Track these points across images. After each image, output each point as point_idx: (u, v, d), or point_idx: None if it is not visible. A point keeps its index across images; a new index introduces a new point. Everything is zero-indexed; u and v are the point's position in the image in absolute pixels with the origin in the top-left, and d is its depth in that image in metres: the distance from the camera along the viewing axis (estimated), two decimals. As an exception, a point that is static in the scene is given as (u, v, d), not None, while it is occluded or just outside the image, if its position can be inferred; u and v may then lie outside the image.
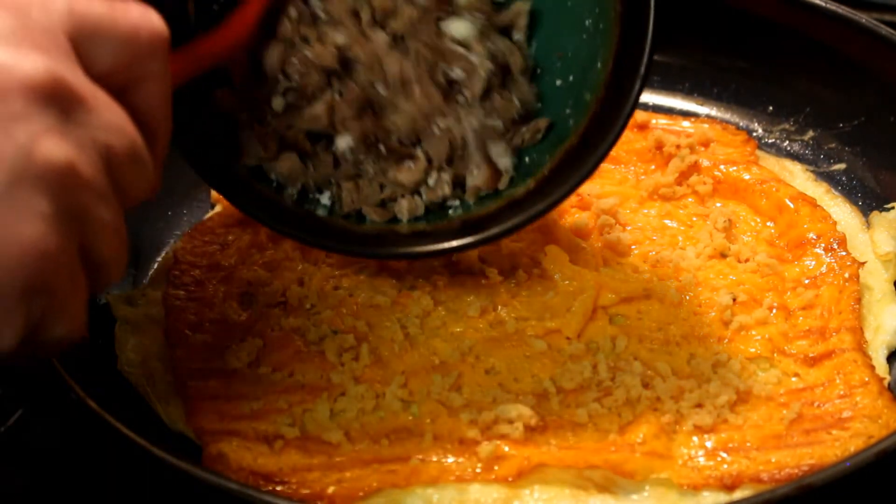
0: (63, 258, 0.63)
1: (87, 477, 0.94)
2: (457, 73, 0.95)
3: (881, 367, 0.98)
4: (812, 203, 1.12)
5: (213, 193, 1.16)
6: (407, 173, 0.96)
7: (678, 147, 1.18)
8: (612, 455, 0.89)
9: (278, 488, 0.87)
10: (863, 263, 1.06)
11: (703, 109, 1.29)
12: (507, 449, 0.89)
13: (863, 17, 1.20)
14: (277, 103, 0.95)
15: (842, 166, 1.20)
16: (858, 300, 1.02)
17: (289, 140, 0.96)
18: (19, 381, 1.01)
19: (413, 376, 0.96)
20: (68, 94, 0.64)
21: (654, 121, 1.24)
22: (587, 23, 0.96)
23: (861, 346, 0.98)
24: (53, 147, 0.62)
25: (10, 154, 0.60)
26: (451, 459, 0.89)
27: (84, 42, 0.68)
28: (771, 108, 1.27)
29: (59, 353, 0.87)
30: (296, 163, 0.96)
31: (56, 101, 0.63)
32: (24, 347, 0.64)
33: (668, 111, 1.29)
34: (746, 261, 1.06)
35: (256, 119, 0.96)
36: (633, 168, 1.18)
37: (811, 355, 0.98)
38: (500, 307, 1.02)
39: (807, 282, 1.05)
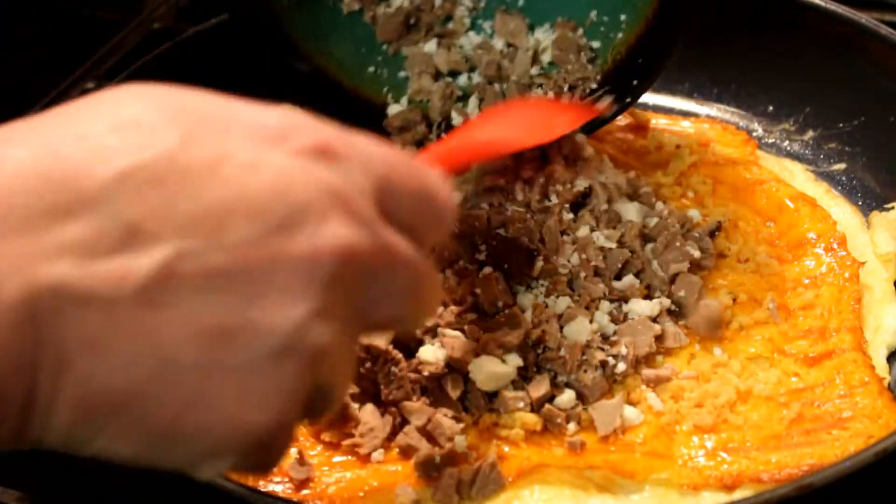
0: (289, 430, 0.62)
1: (87, 477, 0.94)
2: None
3: (881, 367, 0.98)
4: (812, 203, 1.12)
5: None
6: None
7: (678, 147, 1.18)
8: (612, 455, 0.89)
9: (278, 488, 0.87)
10: (863, 263, 1.06)
11: (703, 109, 1.29)
12: (507, 449, 0.89)
13: (863, 17, 1.20)
14: None
15: (842, 166, 1.20)
16: (858, 300, 1.02)
17: None
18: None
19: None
20: (362, 266, 0.61)
21: (654, 121, 1.24)
22: None
23: (861, 346, 0.98)
24: (323, 330, 0.60)
25: (284, 327, 0.58)
26: (451, 459, 0.89)
27: (385, 197, 0.65)
28: (771, 108, 1.27)
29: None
30: None
31: (344, 280, 0.60)
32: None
33: (668, 111, 1.29)
34: (746, 261, 1.06)
35: None
36: (633, 168, 1.18)
37: (811, 355, 0.98)
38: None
39: (807, 282, 1.05)
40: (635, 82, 1.10)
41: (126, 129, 0.58)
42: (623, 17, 1.10)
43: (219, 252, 0.57)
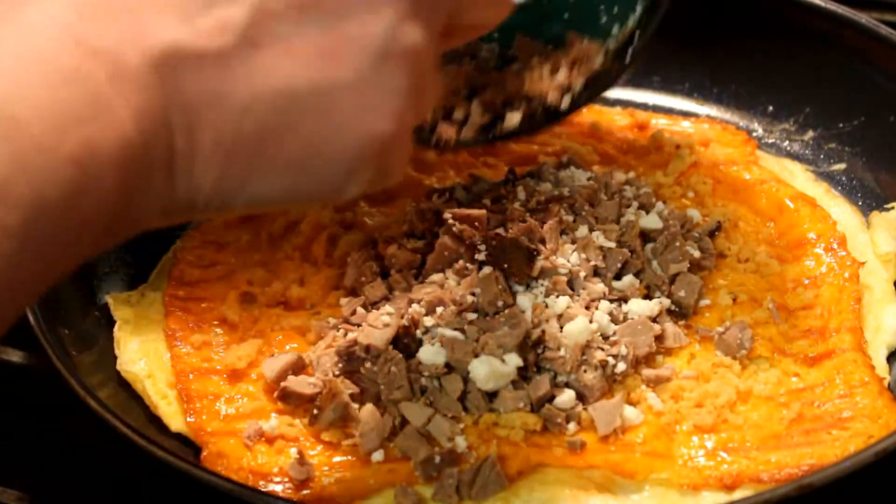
0: (410, 126, 0.69)
1: (88, 477, 0.94)
2: None
3: (881, 367, 0.98)
4: (812, 203, 1.12)
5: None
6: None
7: (678, 147, 1.18)
8: (612, 455, 0.89)
9: (278, 488, 0.87)
10: (863, 263, 1.06)
11: (703, 109, 1.29)
12: (507, 449, 0.89)
13: (863, 17, 1.20)
14: None
15: (842, 166, 1.20)
16: (858, 300, 1.02)
17: None
18: (20, 381, 1.01)
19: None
20: None
21: (654, 121, 1.24)
22: None
23: (861, 346, 0.98)
24: (412, 29, 0.66)
25: (379, 33, 0.64)
26: (451, 459, 0.89)
27: None
28: (771, 108, 1.27)
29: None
30: None
31: None
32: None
33: (668, 111, 1.29)
34: (746, 261, 1.06)
35: None
36: (633, 168, 1.18)
37: (811, 355, 0.98)
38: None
39: (807, 282, 1.05)
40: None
41: None
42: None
43: None
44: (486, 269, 0.97)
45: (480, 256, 0.98)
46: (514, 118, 1.03)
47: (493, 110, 1.07)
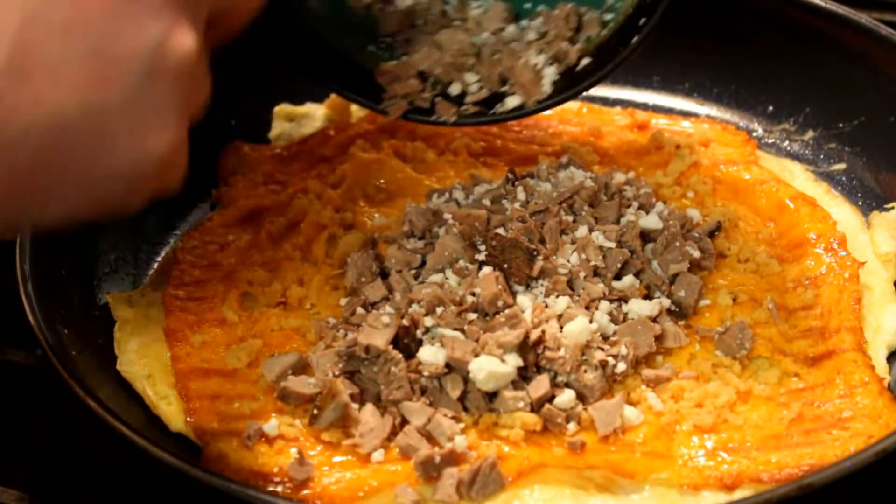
0: (183, 137, 0.69)
1: (88, 477, 0.94)
2: None
3: (881, 367, 0.98)
4: (812, 203, 1.12)
5: (213, 193, 1.16)
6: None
7: (678, 147, 1.18)
8: (612, 455, 0.89)
9: (278, 488, 0.87)
10: (863, 263, 1.06)
11: (703, 109, 1.29)
12: (507, 449, 0.89)
13: (863, 17, 1.20)
14: None
15: (842, 166, 1.20)
16: (858, 300, 1.02)
17: None
18: (20, 382, 1.01)
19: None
20: None
21: (654, 121, 1.24)
22: None
23: (861, 346, 0.98)
24: (180, 39, 0.66)
25: (146, 51, 0.64)
26: (451, 459, 0.89)
27: None
28: (771, 108, 1.27)
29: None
30: None
31: None
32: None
33: (668, 111, 1.29)
34: (746, 261, 1.06)
35: None
36: (633, 168, 1.18)
37: (811, 355, 0.98)
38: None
39: (807, 282, 1.05)
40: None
41: None
42: None
43: (59, 6, 0.62)
44: (487, 269, 0.97)
45: (480, 256, 0.98)
46: (513, 100, 1.05)
47: (489, 86, 1.08)
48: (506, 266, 0.97)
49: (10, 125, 0.61)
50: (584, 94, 1.27)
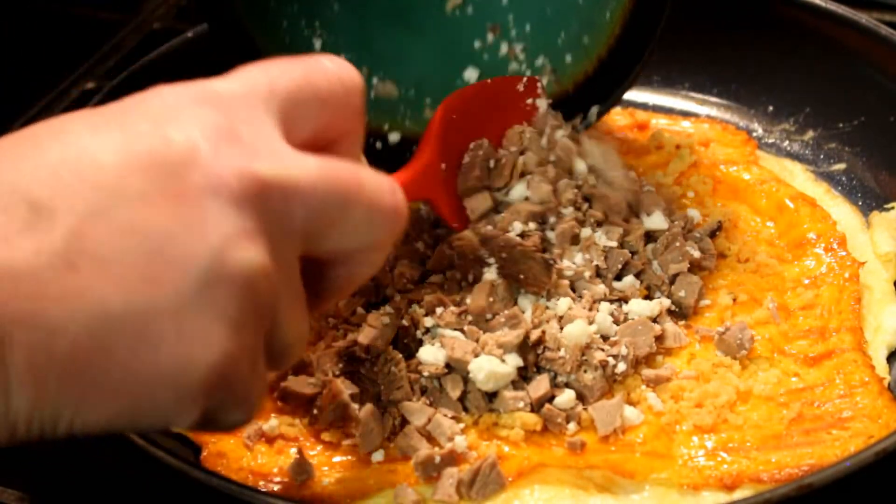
0: (245, 357, 0.64)
1: (88, 477, 0.94)
2: None
3: (881, 367, 0.98)
4: (812, 203, 1.12)
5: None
6: None
7: (678, 147, 1.18)
8: (612, 455, 0.89)
9: (278, 488, 0.87)
10: (863, 263, 1.06)
11: (703, 109, 1.29)
12: (507, 449, 0.89)
13: (863, 17, 1.20)
14: None
15: (842, 166, 1.20)
16: (858, 300, 1.02)
17: None
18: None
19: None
20: (265, 192, 0.64)
21: (654, 121, 1.24)
22: None
23: (861, 346, 0.98)
24: (246, 253, 0.63)
25: (204, 256, 0.61)
26: (451, 459, 0.89)
27: (287, 114, 0.69)
28: (771, 108, 1.27)
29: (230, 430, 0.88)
30: None
31: (254, 201, 0.63)
32: (199, 427, 0.67)
33: (668, 111, 1.29)
34: (746, 261, 1.06)
35: None
36: (633, 168, 1.18)
37: (811, 355, 0.98)
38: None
39: (807, 282, 1.05)
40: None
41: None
42: (585, 39, 1.09)
43: (123, 207, 0.61)
44: (488, 277, 0.97)
45: (491, 272, 0.97)
46: None
47: None
48: (521, 277, 0.97)
49: (53, 313, 0.59)
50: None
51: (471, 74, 1.07)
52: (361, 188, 0.69)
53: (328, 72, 0.72)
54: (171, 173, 0.62)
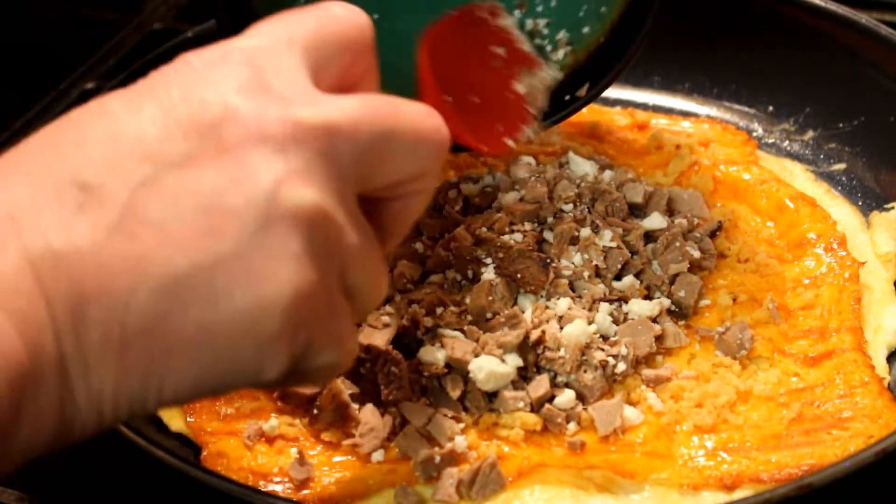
0: (319, 292, 0.65)
1: (88, 477, 0.94)
2: None
3: (881, 367, 0.98)
4: (812, 203, 1.12)
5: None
6: None
7: (678, 147, 1.18)
8: (612, 455, 0.89)
9: (278, 488, 0.87)
10: (863, 263, 1.06)
11: (703, 109, 1.29)
12: (507, 449, 0.89)
13: (863, 17, 1.20)
14: None
15: (842, 166, 1.20)
16: (858, 300, 1.02)
17: None
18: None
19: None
20: (309, 135, 0.65)
21: (654, 121, 1.24)
22: None
23: (861, 346, 0.98)
24: (301, 190, 0.64)
25: (257, 199, 0.63)
26: (451, 459, 0.89)
27: (311, 61, 0.69)
28: (771, 108, 1.27)
29: (333, 378, 0.89)
30: None
31: (299, 145, 0.64)
32: (293, 377, 0.67)
33: (668, 111, 1.29)
34: (746, 261, 1.06)
35: None
36: (633, 168, 1.18)
37: (811, 355, 0.98)
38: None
39: (807, 282, 1.05)
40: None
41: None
42: (603, 9, 1.09)
43: (170, 171, 0.62)
44: (487, 276, 0.97)
45: (489, 272, 0.97)
46: None
47: None
48: (519, 276, 0.97)
49: (120, 285, 0.60)
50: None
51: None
52: (401, 117, 0.70)
53: (339, 15, 0.73)
54: (211, 132, 0.63)
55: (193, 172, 0.62)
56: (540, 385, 0.92)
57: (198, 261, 0.61)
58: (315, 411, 0.91)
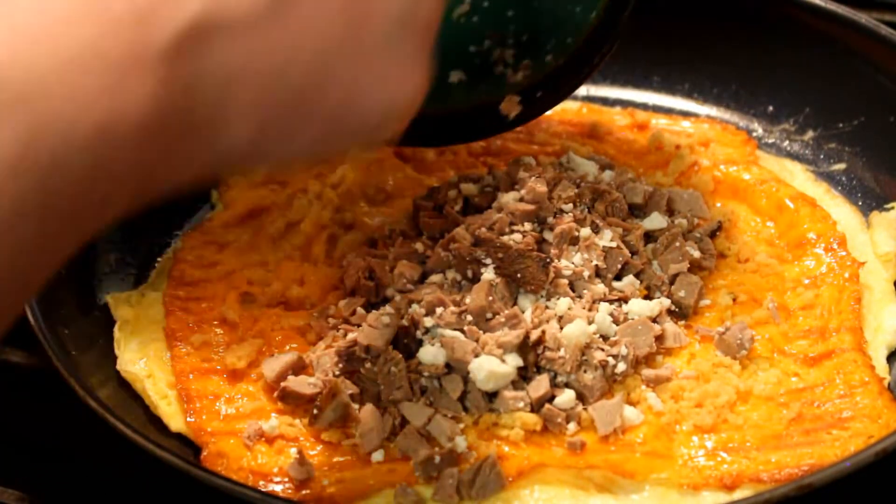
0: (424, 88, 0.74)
1: (87, 477, 0.94)
2: None
3: (881, 367, 0.98)
4: (812, 203, 1.12)
5: (214, 194, 1.16)
6: None
7: (678, 147, 1.18)
8: (612, 455, 0.89)
9: (278, 488, 0.87)
10: (863, 263, 1.06)
11: (703, 109, 1.29)
12: (507, 449, 0.89)
13: (863, 17, 1.20)
14: None
15: (842, 166, 1.20)
16: (858, 300, 1.02)
17: None
18: (20, 381, 1.01)
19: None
20: None
21: (654, 121, 1.24)
22: None
23: (861, 346, 0.98)
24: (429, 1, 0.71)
25: (401, 3, 0.69)
26: (451, 459, 0.89)
27: None
28: (771, 108, 1.27)
29: None
30: None
31: None
32: None
33: (668, 111, 1.29)
34: (746, 261, 1.06)
35: None
36: (633, 168, 1.18)
37: (811, 355, 0.98)
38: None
39: (807, 282, 1.05)
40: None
41: None
42: (569, 40, 1.09)
43: None
44: (487, 276, 0.97)
45: (489, 272, 0.97)
46: None
47: None
48: (518, 276, 0.97)
49: (275, 55, 0.64)
50: (585, 93, 1.28)
51: (456, 76, 1.07)
52: None
53: None
54: None
55: None
56: (540, 385, 0.92)
57: (345, 47, 0.66)
58: (315, 411, 0.91)
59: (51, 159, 0.55)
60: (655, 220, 1.05)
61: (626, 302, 0.99)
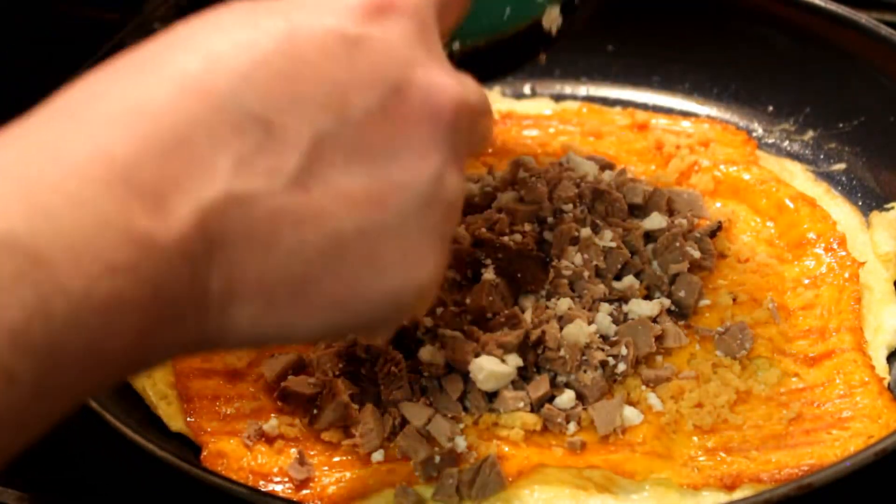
0: (442, 273, 0.69)
1: (88, 477, 0.94)
2: None
3: (881, 367, 0.98)
4: (812, 203, 1.12)
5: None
6: None
7: (678, 147, 1.18)
8: (612, 455, 0.89)
9: (278, 488, 0.87)
10: (863, 263, 1.06)
11: (703, 109, 1.29)
12: (507, 449, 0.89)
13: (863, 17, 1.20)
14: None
15: (842, 166, 1.20)
16: (858, 300, 1.02)
17: None
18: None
19: (413, 376, 0.96)
20: (464, 118, 0.66)
21: (654, 121, 1.24)
22: None
23: (861, 346, 0.98)
24: (454, 177, 0.66)
25: (425, 180, 0.64)
26: (451, 459, 0.89)
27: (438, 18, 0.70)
28: (771, 108, 1.27)
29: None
30: None
31: (457, 130, 0.66)
32: None
33: (668, 111, 1.28)
34: (746, 261, 1.06)
35: None
36: (633, 168, 1.18)
37: (811, 355, 0.98)
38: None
39: (807, 282, 1.05)
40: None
41: (231, 31, 0.61)
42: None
43: (350, 127, 0.62)
44: (487, 276, 0.97)
45: (489, 272, 0.97)
46: None
47: None
48: (518, 276, 0.97)
49: (288, 236, 0.60)
50: (585, 93, 1.28)
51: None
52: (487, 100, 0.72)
53: None
54: (394, 92, 0.63)
55: (372, 133, 0.62)
56: (540, 385, 0.92)
57: (363, 229, 0.62)
58: (315, 411, 0.91)
59: (49, 337, 0.53)
60: (655, 220, 1.05)
61: (626, 302, 0.99)
